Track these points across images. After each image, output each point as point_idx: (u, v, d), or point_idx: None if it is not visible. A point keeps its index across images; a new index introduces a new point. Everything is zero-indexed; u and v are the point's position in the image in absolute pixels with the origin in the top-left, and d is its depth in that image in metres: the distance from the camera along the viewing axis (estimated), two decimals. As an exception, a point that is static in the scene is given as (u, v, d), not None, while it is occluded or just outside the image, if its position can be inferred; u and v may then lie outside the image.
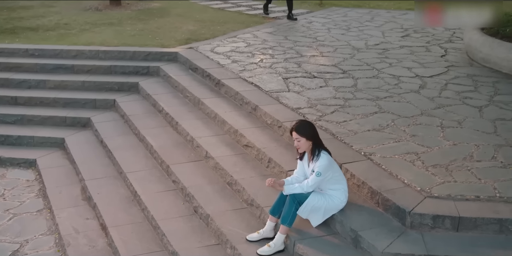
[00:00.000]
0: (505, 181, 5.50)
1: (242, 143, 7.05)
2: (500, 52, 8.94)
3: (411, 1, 16.59)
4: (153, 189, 6.72)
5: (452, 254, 4.69)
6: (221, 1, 16.66)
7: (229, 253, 5.41)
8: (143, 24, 12.86)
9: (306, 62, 9.58)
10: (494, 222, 4.94)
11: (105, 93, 9.58)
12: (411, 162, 5.89)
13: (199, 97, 8.43)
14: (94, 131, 8.68)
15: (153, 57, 10.33)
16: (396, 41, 11.15)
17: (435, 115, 7.19)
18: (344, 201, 5.27)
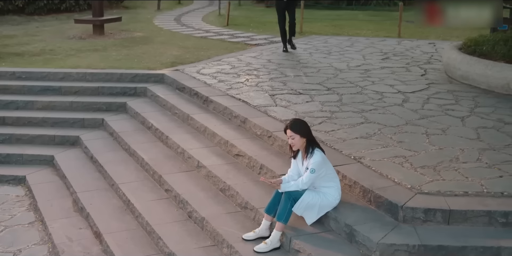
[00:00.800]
0: (491, 179, 5.69)
1: (233, 153, 7.19)
2: (478, 69, 9.27)
3: (388, 29, 17.09)
4: (146, 198, 6.79)
5: (445, 244, 4.84)
6: (203, 31, 16.99)
7: (225, 252, 5.49)
8: (127, 50, 13.07)
9: (291, 81, 9.82)
10: (483, 215, 5.11)
11: (93, 113, 9.69)
12: (400, 164, 6.07)
13: (188, 113, 8.58)
14: (84, 148, 8.75)
15: (140, 78, 10.50)
16: (376, 63, 11.48)
17: (419, 125, 7.42)
18: (338, 199, 5.41)
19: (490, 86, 9.13)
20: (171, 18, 20.77)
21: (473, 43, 10.14)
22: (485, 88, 9.21)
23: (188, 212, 6.29)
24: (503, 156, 6.31)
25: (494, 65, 9.11)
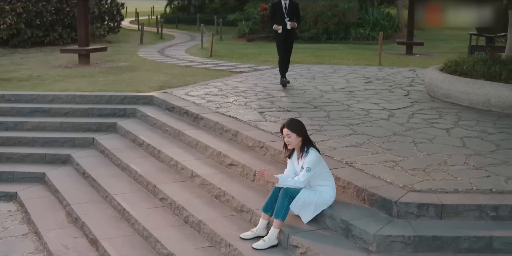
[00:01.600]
0: (479, 178, 5.89)
1: (226, 163, 7.32)
2: (460, 87, 9.59)
3: (369, 59, 17.53)
4: (141, 207, 6.86)
5: (439, 234, 4.99)
6: (187, 61, 17.26)
7: (224, 252, 5.57)
8: (115, 76, 13.25)
9: (278, 101, 10.05)
10: (474, 209, 5.28)
11: (84, 133, 9.79)
12: (391, 167, 6.26)
13: (179, 129, 8.72)
14: (75, 165, 8.82)
15: (129, 100, 10.65)
16: (360, 86, 11.78)
17: (406, 135, 7.65)
18: (333, 197, 5.56)
19: (471, 103, 9.43)
20: (154, 50, 21.07)
21: (453, 64, 10.50)
22: (467, 105, 9.50)
23: (184, 217, 6.37)
24: (489, 160, 6.53)
25: (475, 83, 9.43)
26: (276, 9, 11.08)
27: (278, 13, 11.00)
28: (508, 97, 8.95)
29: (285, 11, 10.95)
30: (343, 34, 25.42)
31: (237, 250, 5.38)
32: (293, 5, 11.10)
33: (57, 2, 20.97)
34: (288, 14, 10.96)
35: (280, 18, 10.96)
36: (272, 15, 11.27)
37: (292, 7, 11.01)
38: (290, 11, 10.99)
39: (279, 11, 11.00)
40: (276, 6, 11.15)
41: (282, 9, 10.95)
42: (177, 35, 29.99)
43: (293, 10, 11.03)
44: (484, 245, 4.98)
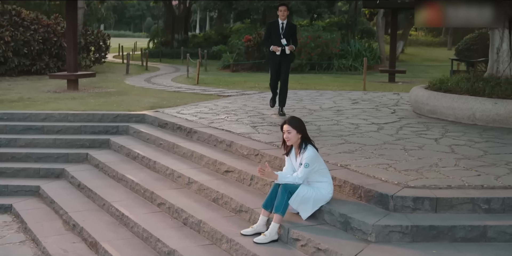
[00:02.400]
0: (470, 177, 6.11)
1: (222, 170, 7.47)
2: (445, 102, 9.89)
3: (353, 85, 17.89)
4: (140, 212, 6.95)
5: (435, 224, 5.16)
6: (175, 87, 17.49)
7: (225, 248, 5.68)
8: (105, 99, 13.41)
9: (269, 117, 10.27)
10: (467, 202, 5.48)
11: (77, 149, 9.87)
12: (384, 168, 6.45)
13: (173, 142, 8.87)
14: (70, 179, 8.89)
15: (121, 119, 10.79)
16: (348, 106, 12.06)
17: (397, 144, 7.88)
18: (331, 193, 5.72)
19: (457, 118, 9.72)
20: (141, 79, 21.29)
21: (438, 82, 10.84)
22: (453, 119, 9.78)
23: (183, 219, 6.48)
24: (478, 163, 6.76)
25: (460, 98, 9.74)
26: (272, 29, 10.28)
27: (274, 33, 10.22)
28: (492, 111, 9.24)
29: (281, 32, 10.15)
30: (326, 64, 25.88)
31: (238, 244, 5.49)
32: (291, 26, 10.35)
33: (44, 31, 21.18)
34: (284, 35, 10.15)
35: (276, 39, 10.17)
36: (268, 35, 10.45)
37: (289, 28, 10.23)
38: (287, 32, 10.20)
39: (275, 31, 10.21)
40: (272, 26, 10.37)
41: (279, 29, 10.16)
42: (162, 67, 30.28)
43: (290, 32, 10.26)
44: (479, 234, 5.15)
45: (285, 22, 10.16)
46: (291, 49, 10.23)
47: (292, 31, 10.31)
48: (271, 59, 10.44)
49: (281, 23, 10.16)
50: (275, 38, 10.21)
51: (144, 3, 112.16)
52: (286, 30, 10.16)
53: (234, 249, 5.54)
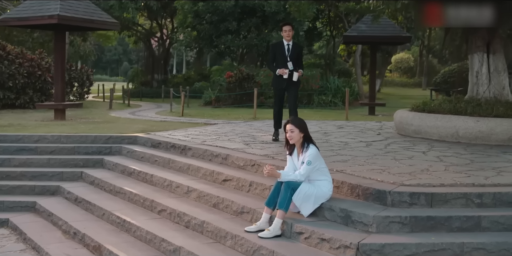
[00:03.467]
0: (461, 177, 6.42)
1: (220, 179, 7.68)
2: (429, 122, 10.28)
3: (335, 116, 18.30)
4: (141, 219, 7.10)
5: (433, 215, 5.43)
6: (161, 118, 17.73)
7: (230, 244, 5.87)
8: (95, 125, 13.60)
9: (259, 138, 10.55)
10: (460, 197, 5.77)
11: (71, 168, 10.01)
12: (379, 172, 6.75)
13: (169, 157, 9.08)
14: (66, 194, 9.00)
15: (114, 140, 10.98)
16: (334, 129, 12.41)
17: (387, 155, 8.20)
18: (331, 190, 5.98)
19: (441, 136, 10.09)
20: (125, 113, 21.49)
21: (421, 104, 11.26)
22: (437, 138, 10.15)
23: (186, 222, 6.65)
24: (466, 168, 7.08)
25: (443, 117, 10.14)
26: (277, 51, 9.39)
27: (280, 56, 9.35)
28: (475, 128, 9.63)
29: (288, 54, 9.29)
30: (306, 100, 26.36)
31: (244, 239, 5.69)
32: (297, 47, 9.50)
33: (29, 65, 21.39)
34: (291, 58, 9.30)
35: (282, 63, 9.29)
36: (272, 58, 9.52)
37: (295, 49, 9.37)
38: (294, 54, 9.35)
39: (280, 53, 9.34)
40: (276, 47, 9.49)
41: (285, 51, 9.30)
42: (144, 104, 30.53)
43: (297, 54, 9.40)
44: (474, 224, 5.43)
45: (291, 43, 9.34)
46: (300, 75, 9.38)
47: (298, 53, 9.50)
48: (276, 83, 9.54)
49: (286, 44, 9.33)
50: (280, 61, 9.34)
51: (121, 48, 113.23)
52: (292, 52, 9.34)
53: (239, 244, 5.73)
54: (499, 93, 10.86)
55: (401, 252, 5.02)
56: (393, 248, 5.02)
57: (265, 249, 5.40)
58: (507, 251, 5.08)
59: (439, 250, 5.05)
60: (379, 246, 5.02)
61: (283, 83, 9.41)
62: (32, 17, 14.85)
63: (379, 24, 19.14)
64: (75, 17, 15.00)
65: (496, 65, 10.88)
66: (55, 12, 14.51)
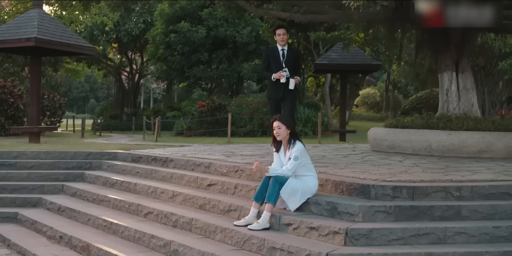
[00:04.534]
0: (439, 176, 6.72)
1: (205, 184, 7.84)
2: (403, 136, 10.63)
3: (308, 141, 18.60)
4: (128, 221, 7.19)
5: (415, 204, 5.69)
6: (136, 143, 17.81)
7: (219, 238, 6.03)
8: (72, 145, 13.65)
9: (239, 152, 10.76)
10: (440, 190, 6.05)
11: (52, 181, 10.04)
12: (360, 173, 7.01)
13: (151, 168, 9.21)
14: (48, 205, 9.01)
15: (94, 156, 11.05)
16: (309, 148, 12.65)
17: (365, 163, 8.49)
18: (316, 186, 6.21)
19: (415, 150, 10.43)
20: (99, 140, 21.48)
21: (395, 121, 11.63)
22: (411, 152, 10.49)
23: (173, 222, 6.78)
24: (442, 170, 7.39)
25: (416, 131, 10.50)
26: (271, 58, 8.48)
27: (274, 61, 8.42)
28: (447, 141, 10.00)
29: (283, 59, 8.39)
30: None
31: (234, 231, 5.86)
32: (293, 52, 8.62)
33: (1, 92, 21.36)
34: (287, 64, 8.37)
35: (277, 69, 8.33)
36: (266, 65, 8.56)
37: (291, 54, 8.47)
38: (290, 59, 8.43)
39: (275, 59, 8.44)
40: (270, 53, 8.59)
41: (279, 56, 8.41)
42: (115, 135, 30.47)
43: (293, 59, 8.48)
44: (454, 212, 5.70)
45: (285, 48, 8.45)
46: (296, 82, 8.36)
47: (294, 58, 8.55)
48: (272, 93, 8.46)
49: (281, 50, 8.44)
50: (275, 68, 8.40)
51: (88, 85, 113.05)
52: (288, 58, 8.43)
53: (229, 236, 5.89)
54: (468, 110, 11.30)
55: (388, 236, 5.25)
56: (380, 233, 5.25)
57: (256, 238, 5.58)
58: (487, 234, 5.35)
59: (423, 234, 5.29)
60: (367, 231, 5.24)
61: (278, 93, 8.34)
62: (9, 40, 14.96)
63: (349, 52, 19.73)
64: (52, 40, 15.18)
65: (464, 83, 11.35)
66: (32, 35, 14.67)
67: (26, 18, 15.87)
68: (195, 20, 29.88)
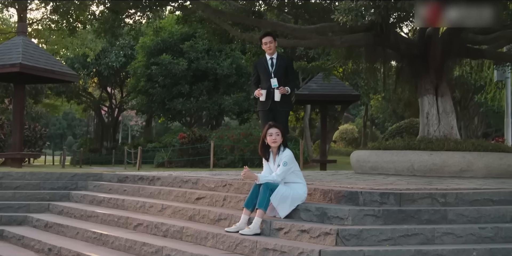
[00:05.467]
0: (425, 186, 6.91)
1: (193, 198, 7.93)
2: (386, 157, 10.84)
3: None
4: (119, 233, 7.21)
5: (403, 208, 5.85)
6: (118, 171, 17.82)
7: (211, 244, 6.11)
8: (56, 169, 13.64)
9: (225, 174, 10.87)
10: (426, 196, 6.22)
11: (38, 201, 10.03)
12: (347, 184, 7.16)
13: (139, 186, 9.27)
14: (35, 223, 8.99)
15: (79, 177, 11.07)
16: (292, 171, 12.84)
17: (350, 179, 8.68)
18: (306, 192, 6.36)
19: (397, 171, 10.62)
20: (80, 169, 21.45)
21: (377, 144, 11.87)
22: (393, 173, 10.67)
23: (164, 231, 6.84)
24: (426, 182, 7.58)
25: (399, 152, 10.72)
26: (260, 68, 7.79)
27: (263, 72, 7.73)
28: (429, 161, 10.22)
29: (271, 70, 7.66)
30: (258, 161, 26.80)
31: (225, 236, 5.95)
32: (284, 60, 7.82)
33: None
34: (276, 74, 7.62)
35: (265, 80, 7.68)
36: (255, 78, 7.93)
37: (282, 63, 7.71)
38: (280, 69, 7.66)
39: (263, 69, 7.73)
40: (258, 64, 7.91)
41: (268, 66, 7.69)
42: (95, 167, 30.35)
43: (284, 68, 7.69)
44: (441, 216, 5.86)
45: (274, 57, 7.71)
46: (283, 92, 7.52)
47: (286, 67, 7.75)
48: (260, 105, 7.78)
49: (269, 59, 7.71)
50: (264, 79, 7.74)
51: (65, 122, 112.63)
52: (277, 67, 7.68)
53: (221, 241, 5.98)
54: (448, 132, 11.57)
55: (378, 236, 5.39)
56: (370, 233, 5.39)
57: (248, 241, 5.68)
58: (473, 235, 5.52)
59: (412, 235, 5.44)
60: (358, 231, 5.38)
61: (266, 104, 7.63)
62: (-6, 66, 15.09)
63: (330, 83, 20.12)
64: (37, 66, 15.35)
65: (444, 106, 11.65)
66: (17, 61, 14.84)
67: (10, 45, 16.05)
68: (176, 52, 30.22)
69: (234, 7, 13.31)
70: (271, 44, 7.64)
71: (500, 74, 17.65)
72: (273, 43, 7.67)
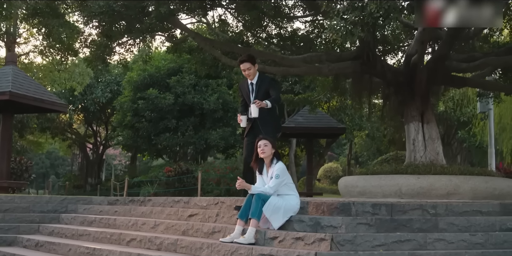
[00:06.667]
0: (415, 199, 7.05)
1: (186, 215, 7.99)
2: (373, 181, 10.99)
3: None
4: (112, 248, 7.24)
5: (395, 217, 5.99)
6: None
7: (206, 253, 6.17)
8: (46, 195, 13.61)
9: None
10: (417, 207, 6.38)
11: (28, 223, 10.01)
12: (337, 198, 7.30)
13: (130, 206, 9.31)
14: (25, 242, 8.96)
15: (69, 201, 11.06)
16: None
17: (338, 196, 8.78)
18: (299, 204, 6.48)
19: (385, 195, 10.75)
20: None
21: (365, 170, 12.04)
22: (381, 197, 10.79)
23: (158, 245, 6.90)
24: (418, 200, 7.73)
25: (386, 176, 10.88)
26: (243, 92, 7.75)
27: (246, 97, 7.68)
28: (416, 184, 10.37)
29: (252, 95, 7.53)
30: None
31: (220, 245, 6.05)
32: (264, 82, 7.54)
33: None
34: (257, 97, 7.43)
35: (248, 105, 7.53)
36: (242, 100, 7.85)
37: (262, 86, 7.49)
38: (261, 91, 7.47)
39: (245, 94, 7.68)
40: (242, 87, 7.82)
41: (249, 92, 7.59)
42: (78, 201, 30.30)
43: (264, 90, 7.46)
44: (432, 225, 6.01)
45: (254, 82, 7.53)
46: (260, 106, 7.11)
47: (266, 89, 7.49)
48: (244, 132, 7.68)
49: (250, 84, 7.58)
50: (247, 103, 7.65)
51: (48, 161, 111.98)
52: (257, 92, 7.51)
53: (216, 250, 6.06)
54: (434, 158, 11.79)
55: (371, 242, 5.51)
56: (364, 239, 5.51)
57: (243, 248, 5.77)
58: (464, 241, 5.66)
59: (405, 241, 5.57)
60: (352, 237, 5.50)
61: (246, 129, 7.53)
62: (-17, 94, 15.17)
63: (316, 116, 20.39)
64: (26, 95, 15.45)
65: (430, 133, 11.91)
66: (7, 89, 14.94)
67: (0, 74, 16.17)
68: (163, 87, 30.44)
69: (222, 39, 13.63)
70: (249, 71, 7.43)
71: (483, 106, 18.02)
72: (252, 69, 7.43)
